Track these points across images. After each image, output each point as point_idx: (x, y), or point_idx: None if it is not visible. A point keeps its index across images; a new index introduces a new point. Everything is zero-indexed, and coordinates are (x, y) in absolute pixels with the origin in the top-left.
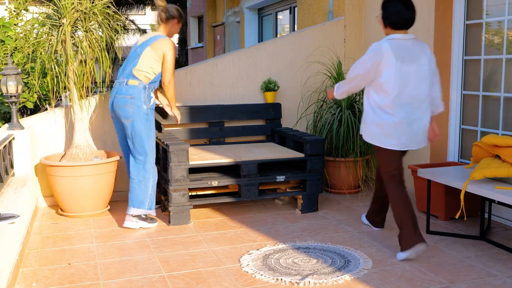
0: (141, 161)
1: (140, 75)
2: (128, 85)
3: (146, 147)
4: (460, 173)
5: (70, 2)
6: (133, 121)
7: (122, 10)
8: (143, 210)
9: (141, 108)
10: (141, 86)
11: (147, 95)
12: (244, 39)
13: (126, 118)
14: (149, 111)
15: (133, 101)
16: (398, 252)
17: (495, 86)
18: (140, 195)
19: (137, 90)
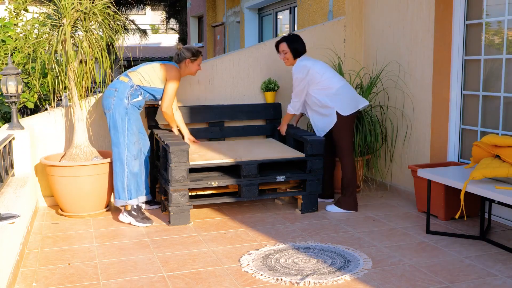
0: (115, 153)
1: (134, 76)
2: (118, 80)
3: (121, 139)
4: (460, 173)
5: (70, 2)
6: (112, 112)
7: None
8: (122, 201)
9: (122, 101)
10: (129, 84)
11: (131, 93)
12: (244, 39)
13: (107, 109)
14: (130, 107)
15: (116, 94)
16: (333, 206)
17: (495, 86)
18: (118, 185)
19: (123, 86)
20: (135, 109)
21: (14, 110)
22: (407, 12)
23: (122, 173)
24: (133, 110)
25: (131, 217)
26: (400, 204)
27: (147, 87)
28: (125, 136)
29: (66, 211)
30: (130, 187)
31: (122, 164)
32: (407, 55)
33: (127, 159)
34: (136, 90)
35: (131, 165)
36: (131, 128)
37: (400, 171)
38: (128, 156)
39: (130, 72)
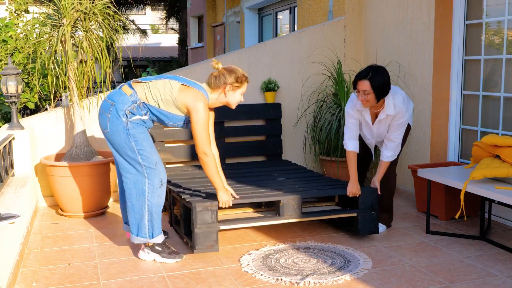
0: (130, 180)
1: (139, 89)
2: (119, 90)
3: (129, 168)
4: (460, 173)
5: (70, 2)
6: (110, 134)
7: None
8: (142, 239)
9: (119, 120)
10: (132, 98)
11: (130, 110)
12: (244, 39)
13: (104, 128)
14: (130, 126)
15: (113, 109)
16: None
17: (495, 86)
18: (132, 221)
19: (122, 98)
20: (139, 127)
21: (14, 110)
22: (407, 12)
23: (141, 207)
24: (137, 128)
25: (155, 253)
26: (400, 204)
27: (153, 107)
28: (139, 160)
29: (66, 211)
30: (153, 223)
31: (143, 197)
32: (407, 55)
33: (149, 189)
34: (139, 108)
35: (154, 196)
36: (143, 149)
37: (400, 171)
38: (150, 185)
39: (136, 82)
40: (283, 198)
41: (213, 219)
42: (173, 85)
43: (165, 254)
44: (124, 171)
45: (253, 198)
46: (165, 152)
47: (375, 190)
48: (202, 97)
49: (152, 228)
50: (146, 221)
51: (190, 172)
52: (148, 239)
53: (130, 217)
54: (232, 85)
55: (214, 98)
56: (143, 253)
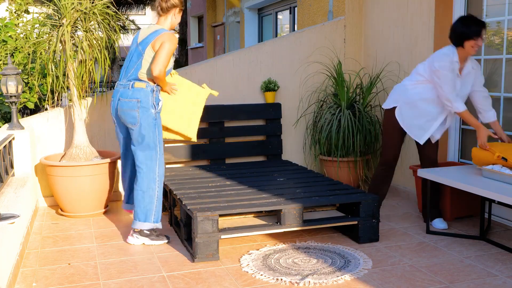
0: (143, 171)
1: (147, 78)
2: (134, 87)
3: (153, 155)
4: (460, 173)
5: (70, 2)
6: (140, 127)
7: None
8: (149, 224)
9: (149, 113)
10: (149, 88)
11: (155, 98)
12: (244, 39)
13: (133, 124)
14: (157, 115)
15: (140, 105)
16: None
17: (495, 86)
18: (147, 208)
19: (144, 93)
20: (159, 116)
21: (14, 110)
22: (407, 12)
23: (153, 194)
24: (159, 118)
25: (144, 236)
26: (400, 204)
27: None
28: (157, 151)
29: (66, 211)
30: (158, 208)
31: (154, 183)
32: (407, 55)
33: (159, 178)
34: (157, 92)
35: (161, 183)
36: (161, 140)
37: (400, 171)
38: (160, 174)
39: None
40: (284, 207)
41: (214, 229)
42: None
43: (154, 236)
44: (141, 163)
45: (254, 207)
46: (165, 152)
47: (377, 198)
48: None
49: (158, 214)
50: (154, 206)
51: (191, 173)
52: (156, 224)
53: (140, 205)
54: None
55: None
56: (132, 238)
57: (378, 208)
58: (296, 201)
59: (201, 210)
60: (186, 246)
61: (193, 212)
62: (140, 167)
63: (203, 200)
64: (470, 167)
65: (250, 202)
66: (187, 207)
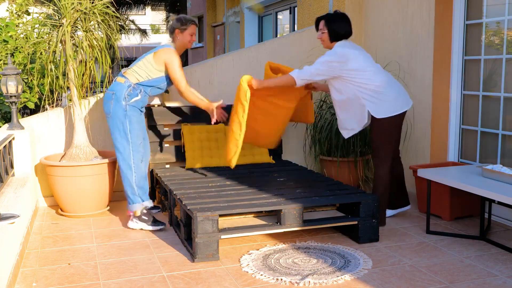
0: (120, 159)
1: (129, 75)
2: (115, 81)
3: (125, 144)
4: (460, 173)
5: (70, 2)
6: (112, 116)
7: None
8: (137, 204)
9: (120, 104)
10: (126, 84)
11: (128, 93)
12: (244, 39)
13: (107, 113)
14: (128, 108)
15: (114, 97)
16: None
17: (495, 86)
18: (128, 192)
19: (120, 87)
20: (135, 110)
21: (14, 110)
22: (407, 12)
23: (130, 178)
24: (133, 111)
25: (142, 222)
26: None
27: (145, 81)
28: (129, 139)
29: (66, 211)
30: (139, 192)
31: (130, 169)
32: (407, 55)
33: (134, 163)
34: (134, 89)
35: (138, 168)
36: (133, 130)
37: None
38: (135, 160)
39: (125, 71)
40: (284, 207)
41: (214, 229)
42: (148, 58)
43: (150, 222)
44: (117, 150)
45: (254, 207)
46: (165, 152)
47: (377, 199)
48: (170, 49)
49: (141, 196)
50: (135, 190)
51: (191, 173)
52: (142, 203)
53: (125, 189)
54: (179, 29)
55: (177, 45)
56: (132, 222)
57: (379, 209)
58: (296, 201)
59: (201, 210)
60: (186, 246)
61: (193, 212)
62: (117, 155)
63: (203, 200)
64: (470, 167)
65: (250, 202)
66: (187, 207)
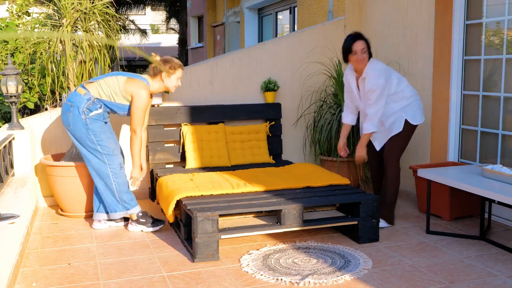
0: (94, 170)
1: (92, 88)
2: (75, 92)
3: (96, 154)
4: (460, 173)
5: (70, 2)
6: (72, 129)
7: (122, 10)
8: (121, 213)
9: (79, 117)
10: (86, 96)
11: (87, 107)
12: (244, 39)
13: (67, 126)
14: (89, 121)
15: (73, 109)
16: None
17: (495, 86)
18: (108, 201)
19: (78, 99)
20: (97, 121)
21: (14, 110)
22: (407, 12)
23: (110, 185)
24: (95, 123)
25: (141, 224)
26: (400, 204)
27: (106, 101)
28: (98, 150)
29: (66, 211)
30: (123, 198)
31: (108, 177)
32: (407, 55)
33: (112, 172)
34: (94, 104)
35: (118, 176)
36: (101, 139)
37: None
38: (112, 168)
39: (89, 83)
40: (284, 207)
41: (214, 229)
42: (119, 80)
43: (149, 224)
44: (87, 162)
45: (254, 207)
46: (165, 152)
47: (377, 198)
48: (145, 86)
49: (125, 203)
50: (117, 197)
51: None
52: (126, 211)
53: (105, 199)
54: (167, 72)
55: (156, 85)
56: (131, 226)
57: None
58: (296, 201)
59: (201, 210)
60: (186, 246)
61: (193, 212)
62: (89, 166)
63: (203, 200)
64: (470, 167)
65: (250, 202)
66: (187, 207)
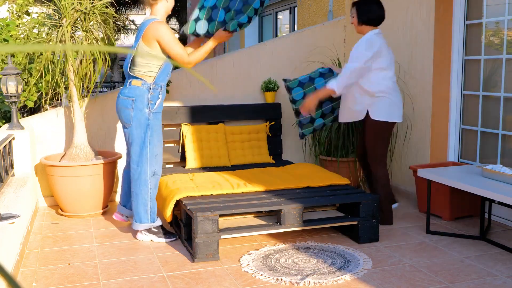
0: (136, 171)
1: (143, 75)
2: (131, 85)
3: (144, 157)
4: (460, 173)
5: (70, 2)
6: (132, 126)
7: (122, 10)
8: (145, 224)
9: (142, 112)
10: (145, 87)
11: (151, 97)
12: (244, 39)
13: (127, 123)
14: (152, 116)
15: (135, 104)
16: None
17: (495, 86)
18: (139, 209)
19: (139, 92)
20: (158, 117)
21: (14, 110)
22: (407, 12)
23: (145, 194)
24: (156, 120)
25: (152, 234)
26: (400, 204)
27: (159, 73)
28: (148, 151)
29: (66, 211)
30: (153, 209)
31: (146, 185)
32: (407, 55)
33: (150, 178)
34: (155, 89)
35: (153, 183)
36: (153, 141)
37: (400, 171)
38: (150, 174)
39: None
40: (284, 207)
41: (214, 229)
42: (140, 47)
43: (161, 234)
44: (133, 163)
45: (254, 207)
46: (165, 152)
47: (377, 198)
48: (157, 22)
49: (153, 214)
50: (148, 207)
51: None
52: (152, 224)
53: (135, 205)
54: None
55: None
56: (141, 235)
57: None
58: (296, 201)
59: (201, 210)
60: (186, 246)
61: (193, 212)
62: (133, 167)
63: (203, 200)
64: (470, 167)
65: (250, 202)
66: (187, 207)
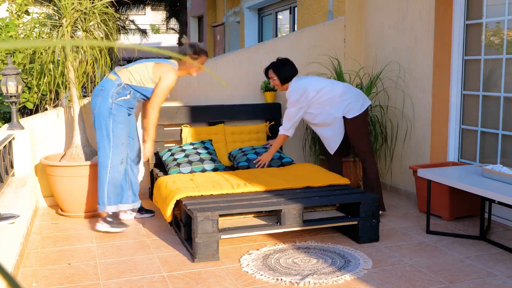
0: (99, 156)
1: (123, 74)
2: (106, 78)
3: (105, 142)
4: (460, 173)
5: (70, 2)
6: (97, 112)
7: (122, 10)
8: (101, 207)
9: (106, 101)
10: (116, 82)
11: (117, 92)
12: (244, 39)
13: (92, 109)
14: (114, 106)
15: (102, 93)
16: None
17: (495, 86)
18: (99, 191)
19: (110, 84)
20: (121, 109)
21: (14, 110)
22: (407, 12)
23: (104, 178)
24: (119, 111)
25: (106, 223)
26: (400, 204)
27: (136, 86)
28: (110, 138)
29: (66, 211)
30: (109, 194)
31: (105, 169)
32: (407, 55)
33: (111, 165)
34: (124, 89)
35: (114, 171)
36: (116, 129)
37: (400, 171)
38: (112, 162)
39: (119, 70)
40: (284, 207)
41: (214, 229)
42: (148, 65)
43: (114, 224)
44: (99, 149)
45: (254, 207)
46: None
47: (377, 198)
48: (173, 68)
49: (109, 199)
50: (105, 191)
51: None
52: (105, 206)
53: (98, 188)
54: (191, 56)
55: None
56: (99, 224)
57: (379, 208)
58: (296, 201)
59: (201, 210)
60: (186, 246)
61: (193, 212)
62: (98, 152)
63: (203, 200)
64: (470, 167)
65: (250, 202)
66: (187, 207)
